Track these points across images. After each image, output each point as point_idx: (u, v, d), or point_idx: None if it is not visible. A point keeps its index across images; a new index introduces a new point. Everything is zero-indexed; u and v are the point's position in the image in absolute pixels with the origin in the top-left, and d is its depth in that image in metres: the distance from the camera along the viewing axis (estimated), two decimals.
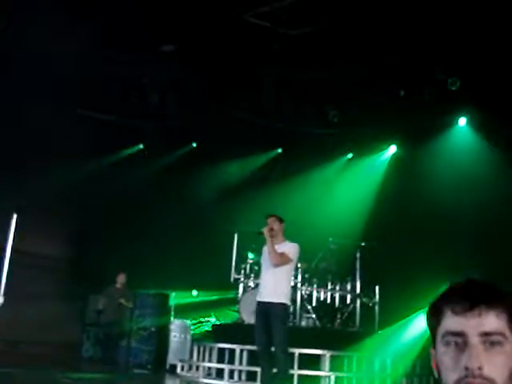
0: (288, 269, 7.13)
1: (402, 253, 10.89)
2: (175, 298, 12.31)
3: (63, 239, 14.68)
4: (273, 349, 7.03)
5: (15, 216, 6.07)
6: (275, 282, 7.02)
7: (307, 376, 8.73)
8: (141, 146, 14.97)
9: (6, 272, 6.14)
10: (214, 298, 12.87)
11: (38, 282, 13.14)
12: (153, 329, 11.82)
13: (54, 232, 14.05)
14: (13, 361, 8.49)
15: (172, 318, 11.84)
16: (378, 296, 10.89)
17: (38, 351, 12.11)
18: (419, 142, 12.20)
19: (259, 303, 7.22)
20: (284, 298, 7.01)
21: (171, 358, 11.29)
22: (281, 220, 7.25)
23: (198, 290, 13.28)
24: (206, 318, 12.59)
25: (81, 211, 13.88)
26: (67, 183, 13.25)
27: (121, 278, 11.59)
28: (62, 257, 14.71)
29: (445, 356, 1.30)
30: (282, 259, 6.97)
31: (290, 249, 7.09)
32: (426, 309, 1.39)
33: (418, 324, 10.03)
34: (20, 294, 9.24)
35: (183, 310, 12.36)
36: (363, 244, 10.85)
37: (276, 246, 7.09)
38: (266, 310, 7.02)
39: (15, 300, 7.56)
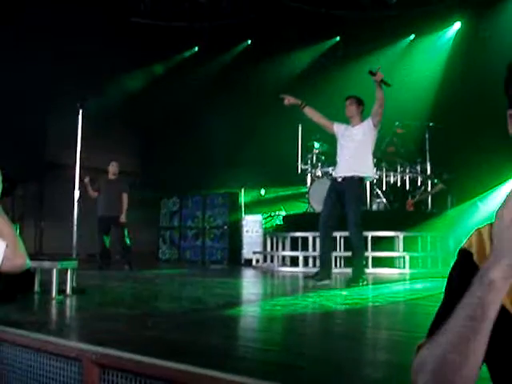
0: (368, 142, 6.72)
1: (471, 134, 10.47)
2: (244, 197, 12.43)
3: (128, 151, 14.89)
4: (347, 232, 6.87)
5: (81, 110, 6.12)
6: (353, 156, 6.67)
7: (381, 258, 8.78)
8: (195, 49, 14.84)
9: (78, 188, 6.20)
10: (283, 193, 12.94)
11: None
12: (225, 227, 12.05)
13: (118, 145, 14.24)
14: (91, 266, 8.87)
15: (243, 215, 12.00)
16: (449, 177, 10.68)
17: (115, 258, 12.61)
18: (485, 15, 11.48)
19: (334, 179, 6.99)
20: (361, 173, 6.67)
21: (246, 253, 11.54)
22: (359, 102, 6.80)
23: (265, 187, 13.36)
24: (277, 212, 12.70)
25: (144, 120, 13.98)
26: (127, 94, 13.33)
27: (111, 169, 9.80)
28: (130, 169, 15.02)
29: None
30: (381, 108, 6.46)
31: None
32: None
33: (493, 201, 9.82)
34: (92, 208, 9.48)
35: (253, 208, 12.51)
36: (431, 124, 10.52)
37: (355, 128, 6.74)
38: (339, 187, 6.71)
39: (88, 214, 7.79)
